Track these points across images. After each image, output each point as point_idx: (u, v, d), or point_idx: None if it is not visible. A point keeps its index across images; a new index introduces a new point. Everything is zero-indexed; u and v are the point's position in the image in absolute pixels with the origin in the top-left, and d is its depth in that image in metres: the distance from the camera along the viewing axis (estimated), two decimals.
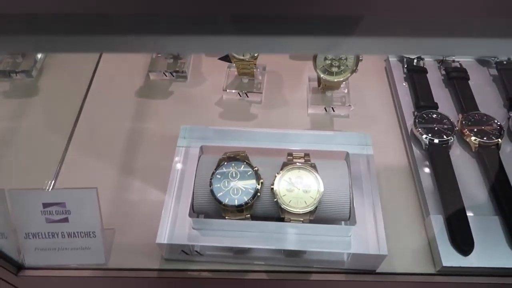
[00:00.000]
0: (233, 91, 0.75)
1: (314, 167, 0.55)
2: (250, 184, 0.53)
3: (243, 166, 0.55)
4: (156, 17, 0.25)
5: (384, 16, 0.24)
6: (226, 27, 0.25)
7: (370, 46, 0.26)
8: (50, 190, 0.54)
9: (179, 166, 0.59)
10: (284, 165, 0.55)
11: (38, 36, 0.26)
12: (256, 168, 0.54)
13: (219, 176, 0.54)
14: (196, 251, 0.54)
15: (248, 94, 0.75)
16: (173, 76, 0.79)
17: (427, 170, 0.64)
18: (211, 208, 0.55)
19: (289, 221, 0.52)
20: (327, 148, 0.61)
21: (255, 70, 0.74)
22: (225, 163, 0.55)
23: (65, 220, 0.53)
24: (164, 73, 0.78)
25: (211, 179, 0.54)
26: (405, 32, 0.25)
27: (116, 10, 0.24)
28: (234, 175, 0.54)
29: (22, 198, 0.52)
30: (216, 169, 0.55)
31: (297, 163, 0.55)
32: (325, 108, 0.73)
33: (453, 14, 0.23)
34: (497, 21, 0.23)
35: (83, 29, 0.25)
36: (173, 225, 0.53)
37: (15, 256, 0.54)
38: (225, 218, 0.53)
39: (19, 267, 0.55)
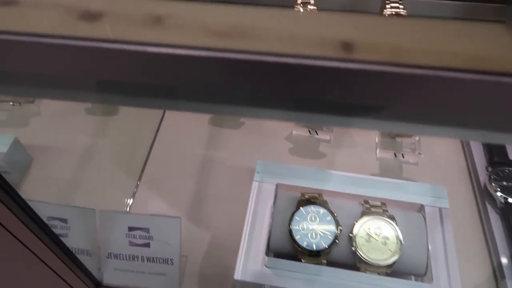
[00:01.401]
0: (303, 127, 0.77)
1: (393, 218, 0.55)
2: (329, 230, 0.54)
3: (322, 210, 0.55)
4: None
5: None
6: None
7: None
8: (136, 214, 0.57)
9: (254, 201, 0.60)
10: (363, 214, 0.55)
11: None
12: (335, 214, 0.55)
13: (298, 218, 0.55)
14: None
15: (318, 132, 0.77)
16: None
17: (501, 230, 0.62)
18: (287, 249, 0.56)
19: (365, 272, 0.52)
20: (400, 197, 0.61)
21: None
22: (304, 205, 0.56)
23: (147, 245, 0.55)
24: None
25: (290, 220, 0.55)
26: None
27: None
28: (313, 219, 0.55)
29: (110, 219, 0.55)
30: (295, 211, 0.56)
31: (376, 213, 0.55)
32: (394, 154, 0.73)
33: None
34: None
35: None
36: (247, 261, 0.54)
37: (95, 273, 0.57)
38: (301, 261, 0.54)
39: (97, 284, 0.58)
